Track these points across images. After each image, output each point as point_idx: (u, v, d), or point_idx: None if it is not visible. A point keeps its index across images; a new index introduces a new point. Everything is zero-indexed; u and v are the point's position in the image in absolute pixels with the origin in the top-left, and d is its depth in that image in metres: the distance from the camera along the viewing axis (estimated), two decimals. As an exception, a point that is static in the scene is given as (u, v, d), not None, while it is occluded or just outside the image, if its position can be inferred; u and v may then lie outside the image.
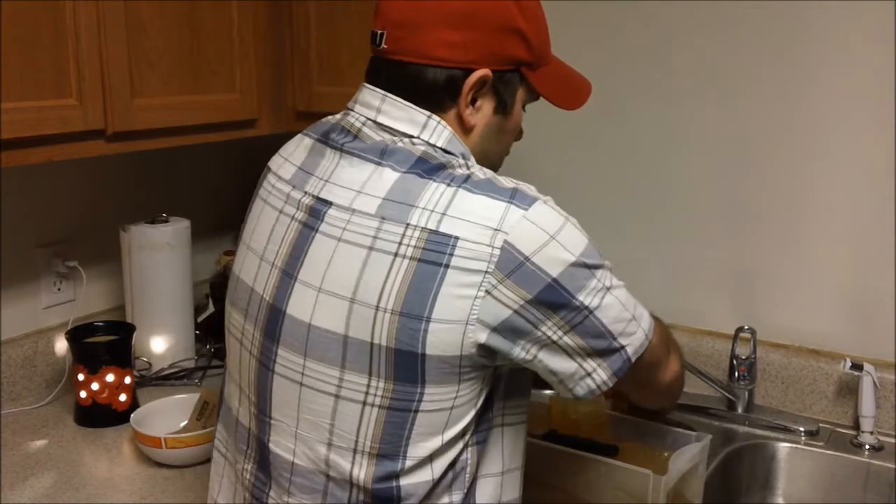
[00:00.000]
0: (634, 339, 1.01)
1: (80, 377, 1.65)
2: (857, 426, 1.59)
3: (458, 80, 0.99)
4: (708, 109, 1.69)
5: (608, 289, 0.97)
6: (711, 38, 1.66)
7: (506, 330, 0.93)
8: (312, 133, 1.08)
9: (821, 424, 1.63)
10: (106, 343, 1.69)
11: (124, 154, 1.56)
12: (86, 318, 1.81)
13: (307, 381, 0.98)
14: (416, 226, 0.92)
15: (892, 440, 1.57)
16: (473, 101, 1.02)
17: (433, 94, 1.00)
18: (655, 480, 1.17)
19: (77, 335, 1.71)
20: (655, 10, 1.69)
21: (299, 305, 0.98)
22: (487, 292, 0.91)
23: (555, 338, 0.96)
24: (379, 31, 1.02)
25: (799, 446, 1.60)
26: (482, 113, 1.03)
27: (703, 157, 1.71)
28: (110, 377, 1.65)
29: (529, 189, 0.97)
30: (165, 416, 1.59)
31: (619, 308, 0.99)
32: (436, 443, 0.96)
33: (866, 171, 1.57)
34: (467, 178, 0.95)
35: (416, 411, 0.95)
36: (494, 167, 1.09)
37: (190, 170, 2.07)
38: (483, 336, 0.93)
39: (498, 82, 1.02)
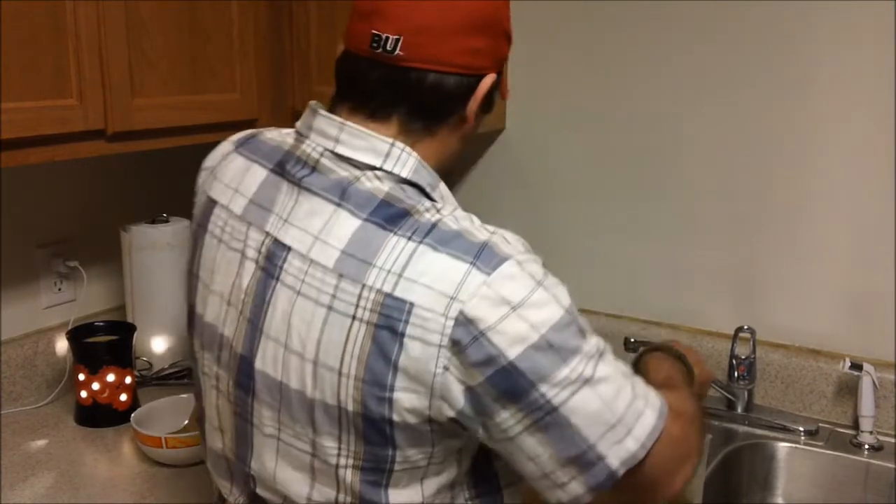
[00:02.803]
0: (621, 448, 0.83)
1: (81, 377, 1.65)
2: (856, 426, 1.59)
3: (473, 87, 0.95)
4: (708, 109, 1.69)
5: (586, 381, 0.81)
6: (712, 39, 1.66)
7: (469, 410, 0.84)
8: (263, 161, 1.00)
9: (820, 424, 1.63)
10: (106, 343, 1.69)
11: (124, 154, 1.56)
12: (86, 318, 1.81)
13: (284, 437, 0.94)
14: (371, 287, 0.84)
15: (892, 440, 1.57)
16: (484, 107, 0.98)
17: (448, 104, 0.94)
18: (655, 480, 1.16)
19: (77, 335, 1.71)
20: (655, 11, 1.69)
21: (269, 362, 0.92)
22: (445, 368, 0.82)
23: (511, 433, 0.83)
24: (392, 37, 0.90)
25: (799, 446, 1.60)
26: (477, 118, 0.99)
27: (703, 157, 1.71)
28: (111, 377, 1.65)
29: (505, 243, 0.86)
30: (166, 416, 1.59)
31: (598, 407, 0.82)
32: (415, 497, 0.92)
33: (866, 171, 1.57)
34: (432, 228, 0.86)
35: (391, 471, 0.90)
36: (454, 167, 1.05)
37: (190, 170, 2.05)
38: (451, 412, 0.85)
39: (494, 85, 0.99)
